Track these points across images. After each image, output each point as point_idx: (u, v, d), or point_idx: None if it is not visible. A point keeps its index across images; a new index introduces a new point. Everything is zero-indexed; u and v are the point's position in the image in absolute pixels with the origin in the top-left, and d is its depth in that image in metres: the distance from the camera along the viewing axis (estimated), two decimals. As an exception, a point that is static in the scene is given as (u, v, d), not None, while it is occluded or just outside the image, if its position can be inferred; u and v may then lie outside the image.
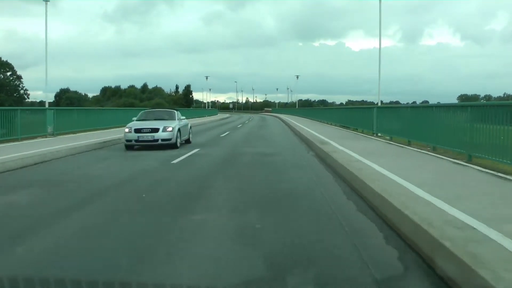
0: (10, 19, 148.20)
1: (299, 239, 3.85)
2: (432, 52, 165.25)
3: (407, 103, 29.77)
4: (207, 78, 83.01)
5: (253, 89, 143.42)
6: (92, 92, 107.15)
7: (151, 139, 12.14)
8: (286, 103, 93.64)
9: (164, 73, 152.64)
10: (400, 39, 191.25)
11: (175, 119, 13.09)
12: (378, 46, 23.53)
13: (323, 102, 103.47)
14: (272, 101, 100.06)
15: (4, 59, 69.31)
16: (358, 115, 18.48)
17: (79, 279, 2.89)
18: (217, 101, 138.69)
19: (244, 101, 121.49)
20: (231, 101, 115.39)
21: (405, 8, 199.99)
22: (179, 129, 12.66)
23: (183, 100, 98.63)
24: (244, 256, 3.42)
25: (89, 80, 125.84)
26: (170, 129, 12.43)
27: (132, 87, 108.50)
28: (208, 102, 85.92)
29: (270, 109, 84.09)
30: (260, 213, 4.90)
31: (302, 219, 4.58)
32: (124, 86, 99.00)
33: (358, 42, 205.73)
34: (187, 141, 14.02)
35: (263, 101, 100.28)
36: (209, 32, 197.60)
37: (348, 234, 4.02)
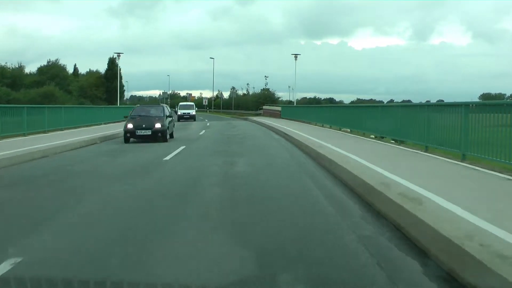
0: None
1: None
2: (439, 51, 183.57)
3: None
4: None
5: (247, 85, 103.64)
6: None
7: None
8: (290, 101, 67.76)
9: (165, 70, 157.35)
10: (410, 37, 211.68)
11: None
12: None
13: (331, 101, 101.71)
14: (279, 96, 58.21)
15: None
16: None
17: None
18: (189, 95, 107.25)
19: (229, 96, 79.79)
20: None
21: (414, 4, 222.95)
22: None
23: (99, 89, 53.71)
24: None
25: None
26: None
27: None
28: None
29: (278, 108, 38.23)
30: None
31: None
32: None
33: (361, 41, 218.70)
34: None
35: (262, 91, 54.42)
36: (211, 28, 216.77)
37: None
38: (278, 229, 5.23)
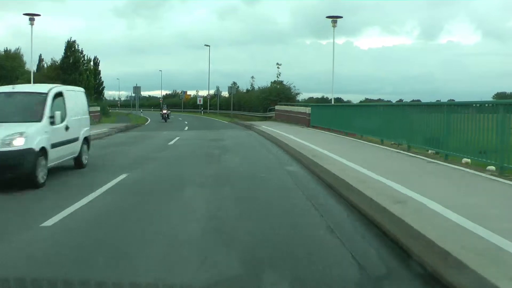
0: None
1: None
2: (447, 50, 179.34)
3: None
4: None
5: (252, 78, 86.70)
6: None
7: None
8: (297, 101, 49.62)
9: (170, 70, 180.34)
10: (416, 36, 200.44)
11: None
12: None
13: (339, 101, 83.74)
14: (298, 92, 41.31)
15: None
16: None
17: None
18: (184, 92, 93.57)
19: (228, 92, 65.25)
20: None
21: (421, 3, 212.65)
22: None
23: (53, 83, 35.24)
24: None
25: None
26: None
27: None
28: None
29: (305, 109, 20.81)
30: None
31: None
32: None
33: (367, 40, 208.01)
34: None
35: (272, 84, 36.55)
36: (216, 28, 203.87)
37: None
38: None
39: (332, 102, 28.67)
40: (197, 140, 19.24)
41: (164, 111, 41.34)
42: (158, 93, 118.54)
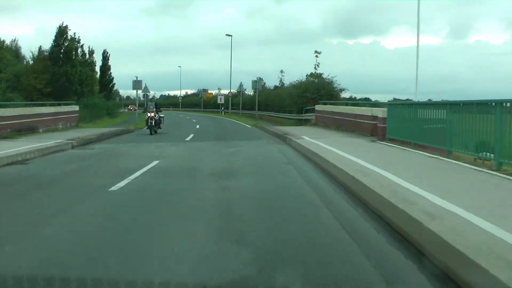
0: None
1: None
2: (475, 50, 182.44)
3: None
4: None
5: (281, 72, 77.27)
6: None
7: None
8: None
9: (197, 70, 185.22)
10: (443, 35, 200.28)
11: None
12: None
13: (366, 101, 74.79)
14: (342, 88, 29.21)
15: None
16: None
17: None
18: (205, 90, 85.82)
19: (252, 89, 55.12)
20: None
21: (451, 2, 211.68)
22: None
23: (39, 78, 28.64)
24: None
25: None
26: None
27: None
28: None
29: (374, 112, 16.75)
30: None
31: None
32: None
33: (394, 39, 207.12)
34: None
35: (309, 78, 26.14)
36: (243, 27, 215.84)
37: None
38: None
39: (416, 97, 19.02)
40: (182, 176, 9.40)
41: (151, 114, 21.49)
42: (183, 92, 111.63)
